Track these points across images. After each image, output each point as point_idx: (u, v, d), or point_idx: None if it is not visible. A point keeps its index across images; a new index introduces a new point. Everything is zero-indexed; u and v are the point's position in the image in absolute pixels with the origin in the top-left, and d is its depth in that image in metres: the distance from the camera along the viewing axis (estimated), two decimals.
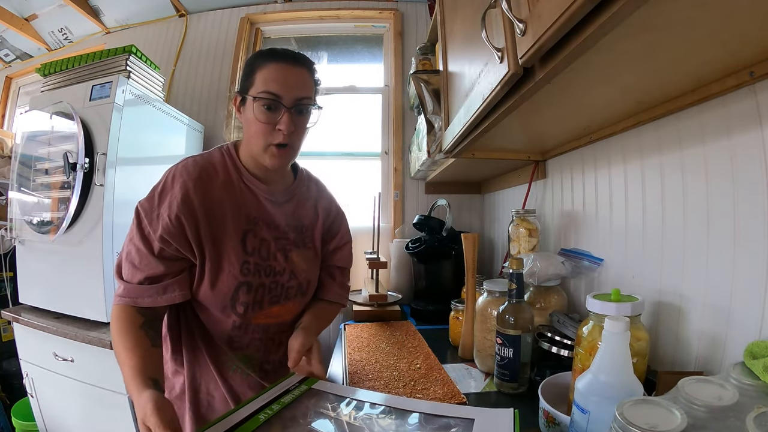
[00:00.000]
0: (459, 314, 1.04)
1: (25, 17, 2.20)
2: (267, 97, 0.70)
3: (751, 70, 0.51)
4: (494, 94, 0.62)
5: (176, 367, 0.79)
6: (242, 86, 0.74)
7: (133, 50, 1.52)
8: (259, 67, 0.71)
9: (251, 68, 0.73)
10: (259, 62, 0.72)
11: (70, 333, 1.31)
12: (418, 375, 0.83)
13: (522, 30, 0.48)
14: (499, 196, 1.64)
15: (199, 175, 0.72)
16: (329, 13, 2.09)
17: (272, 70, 0.71)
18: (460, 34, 0.89)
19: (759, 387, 0.41)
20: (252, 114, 0.71)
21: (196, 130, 1.88)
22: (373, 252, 1.52)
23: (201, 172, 0.72)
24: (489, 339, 0.83)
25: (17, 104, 2.57)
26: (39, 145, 1.49)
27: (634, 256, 0.79)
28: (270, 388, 0.63)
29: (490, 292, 0.87)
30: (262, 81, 0.70)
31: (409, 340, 1.06)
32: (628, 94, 0.65)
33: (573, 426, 0.48)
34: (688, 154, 0.66)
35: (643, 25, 0.41)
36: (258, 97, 0.70)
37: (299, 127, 0.73)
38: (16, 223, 1.54)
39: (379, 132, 2.02)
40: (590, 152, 0.95)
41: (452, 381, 0.80)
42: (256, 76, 0.71)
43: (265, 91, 0.70)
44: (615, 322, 0.45)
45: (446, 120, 1.04)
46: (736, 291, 0.57)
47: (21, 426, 1.63)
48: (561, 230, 1.08)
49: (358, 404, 0.60)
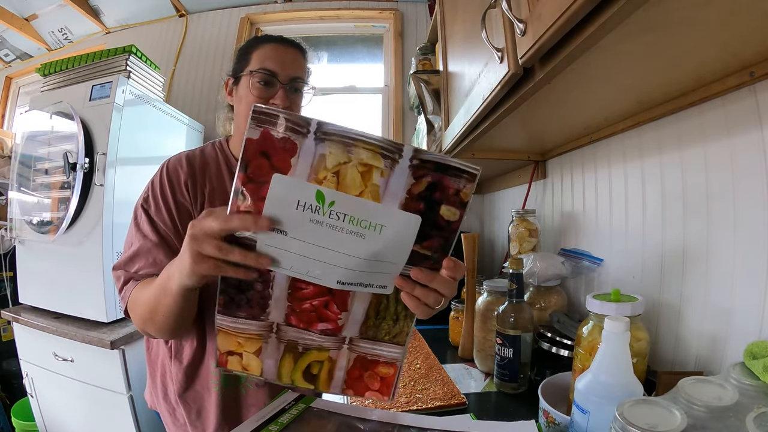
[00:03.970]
0: (459, 314, 1.04)
1: (25, 17, 2.20)
2: (263, 72, 0.72)
3: (751, 70, 0.51)
4: (494, 94, 0.62)
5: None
6: (235, 68, 0.77)
7: (133, 50, 1.52)
8: (253, 49, 0.75)
9: (245, 51, 0.76)
10: (254, 45, 0.75)
11: (70, 333, 1.31)
12: (418, 375, 0.83)
13: (522, 30, 0.48)
14: (499, 196, 1.64)
15: (191, 168, 0.73)
16: (329, 13, 2.10)
17: (268, 50, 0.74)
18: (460, 35, 0.89)
19: (759, 387, 0.41)
20: (246, 90, 0.73)
21: (196, 130, 1.88)
22: None
23: (192, 163, 0.74)
24: (489, 339, 0.83)
25: (17, 104, 2.57)
26: (39, 145, 1.49)
27: (634, 256, 0.79)
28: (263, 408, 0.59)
29: (490, 292, 0.87)
30: (257, 60, 0.73)
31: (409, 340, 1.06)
32: (628, 94, 0.65)
33: (573, 426, 0.48)
34: (688, 154, 0.66)
35: (643, 25, 0.41)
36: (254, 71, 0.72)
37: (294, 105, 0.76)
38: (16, 223, 1.54)
39: (379, 132, 2.02)
40: (590, 152, 0.95)
41: (452, 381, 0.80)
42: (251, 57, 0.74)
43: (261, 68, 0.72)
44: (615, 322, 0.45)
45: (446, 120, 1.04)
46: (736, 291, 0.57)
47: (21, 426, 1.63)
48: (561, 230, 1.08)
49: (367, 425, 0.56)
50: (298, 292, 0.47)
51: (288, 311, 0.48)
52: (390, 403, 0.70)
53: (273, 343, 0.50)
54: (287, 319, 0.48)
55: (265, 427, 0.54)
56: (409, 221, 0.42)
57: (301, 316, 0.48)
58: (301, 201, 0.41)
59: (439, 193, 0.42)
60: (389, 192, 0.42)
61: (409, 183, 0.42)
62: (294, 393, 0.65)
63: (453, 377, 0.82)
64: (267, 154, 0.41)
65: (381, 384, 0.52)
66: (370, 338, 0.50)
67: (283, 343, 0.50)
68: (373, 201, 0.42)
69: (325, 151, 0.41)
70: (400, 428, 0.55)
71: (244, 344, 0.50)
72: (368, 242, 0.43)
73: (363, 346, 0.51)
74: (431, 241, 0.44)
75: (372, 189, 0.42)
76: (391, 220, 0.42)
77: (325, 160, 0.41)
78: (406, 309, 0.48)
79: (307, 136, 0.41)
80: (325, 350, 0.50)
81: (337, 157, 0.41)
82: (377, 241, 0.43)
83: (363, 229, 0.42)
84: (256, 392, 0.77)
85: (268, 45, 0.75)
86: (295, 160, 0.41)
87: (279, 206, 0.41)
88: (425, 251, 0.44)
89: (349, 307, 0.48)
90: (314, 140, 0.40)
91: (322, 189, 0.41)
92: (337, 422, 0.57)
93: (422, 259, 0.44)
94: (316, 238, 0.43)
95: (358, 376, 0.52)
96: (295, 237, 0.43)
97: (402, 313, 0.49)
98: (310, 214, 0.42)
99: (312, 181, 0.41)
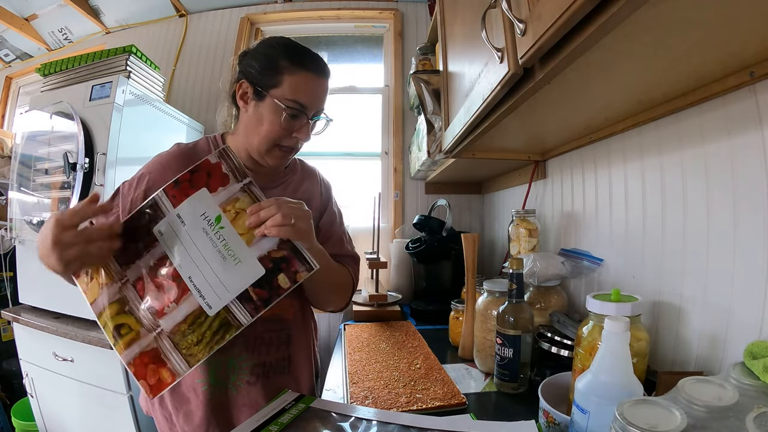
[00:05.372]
0: (459, 314, 1.04)
1: (25, 17, 2.20)
2: (295, 107, 0.70)
3: (751, 70, 0.51)
4: (494, 94, 0.62)
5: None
6: (261, 80, 0.71)
7: (133, 50, 1.52)
8: (288, 71, 0.70)
9: (276, 65, 0.70)
10: (288, 64, 0.70)
11: (70, 333, 1.31)
12: (418, 375, 0.83)
13: (522, 30, 0.48)
14: (499, 196, 1.64)
15: (180, 160, 0.74)
16: (329, 13, 2.09)
17: (303, 80, 0.70)
18: (460, 34, 0.89)
19: (759, 387, 0.41)
20: (271, 116, 0.70)
21: (196, 130, 1.88)
22: (373, 252, 1.52)
23: (183, 156, 0.75)
24: (489, 339, 0.83)
25: (17, 104, 2.57)
26: (39, 145, 1.49)
27: (634, 256, 0.79)
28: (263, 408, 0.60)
29: (490, 292, 0.87)
30: (291, 89, 0.70)
31: (409, 340, 1.06)
32: (628, 94, 0.65)
33: (573, 426, 0.48)
34: (688, 154, 0.66)
35: (643, 25, 0.41)
36: (287, 105, 0.69)
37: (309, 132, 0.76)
38: (16, 223, 1.54)
39: (379, 132, 2.02)
40: (590, 152, 0.95)
41: (452, 381, 0.80)
42: (283, 79, 0.70)
43: (294, 101, 0.70)
44: (615, 322, 0.45)
45: (446, 120, 1.04)
46: (736, 291, 0.57)
47: (21, 426, 1.63)
48: (561, 230, 1.08)
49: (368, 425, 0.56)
50: (159, 267, 0.60)
51: (141, 276, 0.61)
52: (150, 401, 0.79)
53: (115, 287, 0.61)
54: (136, 282, 0.61)
55: (265, 427, 0.54)
56: (257, 269, 0.58)
57: (147, 287, 0.60)
58: (206, 213, 0.60)
59: (285, 265, 0.59)
60: (258, 245, 0.59)
61: (272, 248, 0.59)
62: (294, 393, 0.66)
63: (453, 377, 0.82)
64: (210, 174, 0.62)
65: (156, 382, 0.59)
66: (174, 342, 0.59)
67: (120, 293, 0.61)
68: (245, 243, 0.59)
69: (240, 196, 0.61)
70: (400, 428, 0.55)
71: (100, 274, 0.62)
72: (225, 264, 0.59)
73: (164, 343, 0.59)
74: (261, 291, 0.58)
75: (249, 236, 0.59)
76: (247, 261, 0.59)
77: (236, 201, 0.61)
78: (210, 339, 0.58)
79: (239, 182, 0.62)
80: (139, 323, 0.60)
81: (243, 204, 0.61)
82: (230, 268, 0.58)
83: (227, 255, 0.59)
84: (247, 391, 0.75)
85: (306, 75, 0.71)
86: (222, 189, 0.61)
87: (193, 206, 0.61)
88: (253, 295, 0.58)
89: (179, 302, 0.59)
90: (240, 187, 0.62)
91: (222, 215, 0.60)
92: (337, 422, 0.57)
93: (248, 300, 0.58)
94: (197, 240, 0.59)
95: (146, 363, 0.59)
96: (187, 231, 0.60)
97: (206, 339, 0.58)
98: (205, 224, 0.60)
99: (220, 206, 0.61)
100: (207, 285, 0.58)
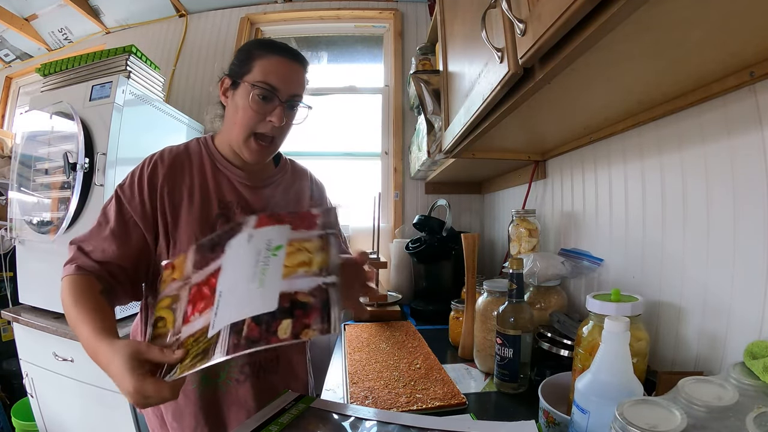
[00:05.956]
0: (459, 314, 1.04)
1: (25, 17, 2.20)
2: (265, 87, 0.71)
3: (751, 70, 0.51)
4: (494, 94, 0.62)
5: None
6: (236, 71, 0.74)
7: (133, 50, 1.52)
8: (258, 57, 0.72)
9: (249, 54, 0.73)
10: (259, 51, 0.73)
11: (70, 333, 1.31)
12: (418, 375, 0.83)
13: (522, 30, 0.48)
14: (499, 196, 1.64)
15: (172, 162, 0.74)
16: (329, 13, 2.09)
17: (273, 63, 0.72)
18: (460, 35, 0.89)
19: (759, 387, 0.41)
20: (243, 100, 0.71)
21: (196, 130, 1.87)
22: (373, 252, 1.52)
23: (174, 158, 0.75)
24: (489, 339, 0.83)
25: (17, 104, 2.57)
26: (39, 145, 1.49)
27: (634, 256, 0.79)
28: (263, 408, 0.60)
29: (490, 292, 0.87)
30: (261, 71, 0.71)
31: (409, 340, 1.06)
32: (628, 94, 0.65)
33: (573, 426, 0.48)
34: (688, 154, 0.66)
35: (643, 26, 0.41)
36: (256, 84, 0.70)
37: (287, 123, 0.76)
38: (16, 223, 1.54)
39: (379, 132, 2.02)
40: (590, 152, 0.95)
41: (452, 381, 0.80)
42: (254, 65, 0.72)
43: (263, 82, 0.71)
44: (615, 322, 0.45)
45: (446, 120, 1.04)
46: (736, 291, 0.57)
47: (21, 426, 1.63)
48: (561, 230, 1.08)
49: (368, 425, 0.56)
50: (212, 277, 0.58)
51: (199, 281, 0.59)
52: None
53: (179, 284, 0.61)
54: (193, 285, 0.59)
55: (265, 427, 0.54)
56: (269, 302, 0.51)
57: (196, 292, 0.58)
58: (272, 240, 0.58)
59: (301, 312, 0.50)
60: (291, 280, 0.53)
61: (303, 289, 0.51)
62: (294, 393, 0.65)
63: (453, 377, 0.82)
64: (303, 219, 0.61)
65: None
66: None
67: (178, 291, 0.60)
68: (282, 274, 0.53)
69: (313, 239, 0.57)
70: (400, 428, 0.55)
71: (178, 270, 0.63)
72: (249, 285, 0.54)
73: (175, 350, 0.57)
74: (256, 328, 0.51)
75: (290, 270, 0.54)
76: (267, 289, 0.52)
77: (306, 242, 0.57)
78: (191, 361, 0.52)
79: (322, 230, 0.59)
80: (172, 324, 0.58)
81: (309, 245, 0.57)
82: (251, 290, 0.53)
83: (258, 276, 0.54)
84: (236, 390, 0.75)
85: (274, 57, 0.72)
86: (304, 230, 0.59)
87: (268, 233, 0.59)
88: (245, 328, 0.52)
89: (202, 314, 0.55)
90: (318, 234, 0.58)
91: (284, 246, 0.56)
92: (337, 422, 0.57)
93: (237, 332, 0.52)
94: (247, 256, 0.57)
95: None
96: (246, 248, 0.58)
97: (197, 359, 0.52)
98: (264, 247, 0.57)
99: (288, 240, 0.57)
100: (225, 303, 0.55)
